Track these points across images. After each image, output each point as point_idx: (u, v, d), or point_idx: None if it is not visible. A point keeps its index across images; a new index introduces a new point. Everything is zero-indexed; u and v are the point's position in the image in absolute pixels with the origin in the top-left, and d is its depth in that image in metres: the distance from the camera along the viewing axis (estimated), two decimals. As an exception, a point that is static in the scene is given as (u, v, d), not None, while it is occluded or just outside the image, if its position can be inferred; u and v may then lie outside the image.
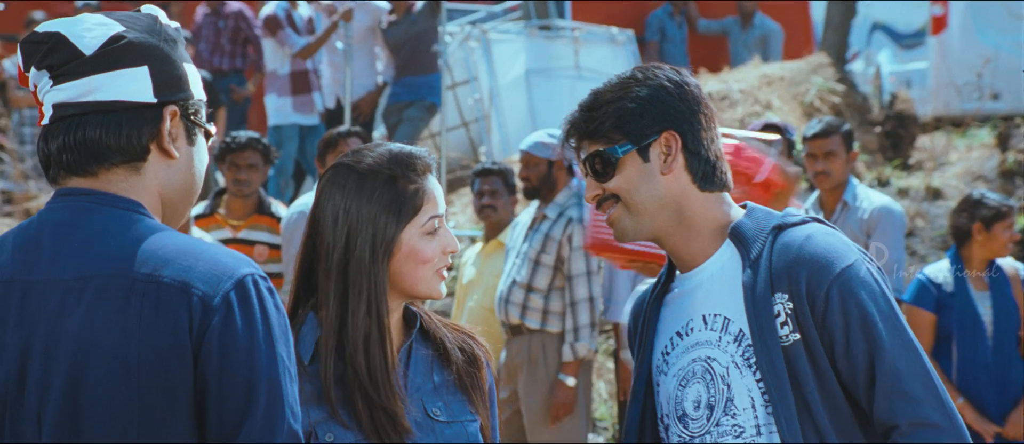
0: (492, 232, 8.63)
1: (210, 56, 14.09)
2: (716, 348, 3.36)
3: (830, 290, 3.26)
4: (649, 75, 3.39)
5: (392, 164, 3.42)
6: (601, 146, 3.36)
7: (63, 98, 2.81)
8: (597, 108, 3.37)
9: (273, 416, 2.67)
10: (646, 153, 3.36)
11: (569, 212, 8.08)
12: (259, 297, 2.69)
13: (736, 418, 3.32)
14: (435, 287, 3.42)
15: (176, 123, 2.84)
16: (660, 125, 3.35)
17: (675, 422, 3.40)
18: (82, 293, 2.69)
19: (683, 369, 3.40)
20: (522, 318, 8.08)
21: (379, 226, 3.38)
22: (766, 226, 3.37)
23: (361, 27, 12.82)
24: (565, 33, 15.08)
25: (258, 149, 8.47)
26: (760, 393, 3.30)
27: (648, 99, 3.35)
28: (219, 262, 2.71)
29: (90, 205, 2.79)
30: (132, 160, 2.81)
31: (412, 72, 12.87)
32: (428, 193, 3.42)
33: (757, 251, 3.33)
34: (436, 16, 12.81)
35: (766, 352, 3.27)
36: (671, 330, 3.45)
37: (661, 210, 3.37)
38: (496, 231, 8.63)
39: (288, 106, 13.11)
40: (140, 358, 2.65)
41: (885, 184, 12.64)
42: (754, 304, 3.29)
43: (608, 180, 3.37)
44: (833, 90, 14.23)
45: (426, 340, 3.49)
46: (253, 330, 2.67)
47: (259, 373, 2.66)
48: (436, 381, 3.45)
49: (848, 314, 3.26)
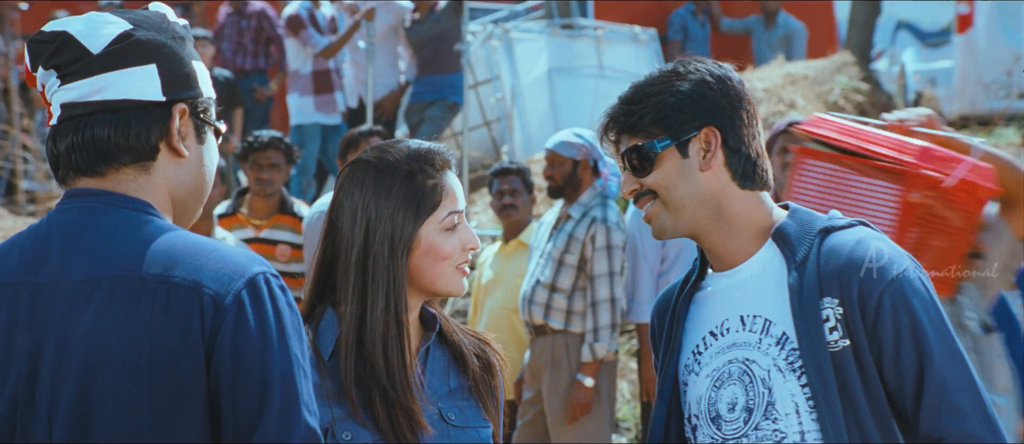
0: (512, 232, 8.62)
1: (233, 56, 14.10)
2: (756, 350, 3.30)
3: (882, 297, 3.20)
4: (691, 69, 3.33)
5: (411, 160, 3.41)
6: (640, 140, 3.30)
7: (71, 98, 2.78)
8: (637, 101, 3.31)
9: (288, 414, 2.64)
10: (685, 149, 3.30)
11: (593, 212, 8.05)
12: (271, 295, 2.67)
13: (777, 423, 3.26)
14: (456, 284, 3.40)
15: (185, 121, 2.81)
16: (700, 120, 3.29)
17: (707, 423, 3.35)
18: (92, 295, 2.67)
19: (718, 370, 3.34)
20: (545, 318, 8.06)
21: (397, 222, 3.36)
22: (812, 228, 3.31)
23: (384, 26, 12.82)
24: (588, 32, 15.05)
25: (280, 148, 8.49)
26: (805, 398, 3.24)
27: (689, 94, 3.29)
28: (230, 261, 2.68)
29: (100, 206, 2.76)
30: (141, 159, 2.78)
31: (434, 71, 12.87)
32: (447, 189, 3.41)
33: (803, 253, 3.26)
34: (459, 15, 12.79)
35: (814, 357, 3.21)
36: (703, 329, 3.39)
37: (700, 207, 3.31)
38: (516, 231, 8.61)
39: (310, 105, 13.12)
40: (151, 359, 2.63)
41: None
42: (801, 308, 3.23)
43: (646, 175, 3.31)
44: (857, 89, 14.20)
45: (443, 343, 3.47)
46: (266, 328, 2.65)
47: (273, 371, 2.64)
48: (452, 385, 3.44)
49: (899, 322, 3.21)
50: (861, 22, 15.39)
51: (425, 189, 3.39)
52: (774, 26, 16.37)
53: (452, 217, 3.40)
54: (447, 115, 13.05)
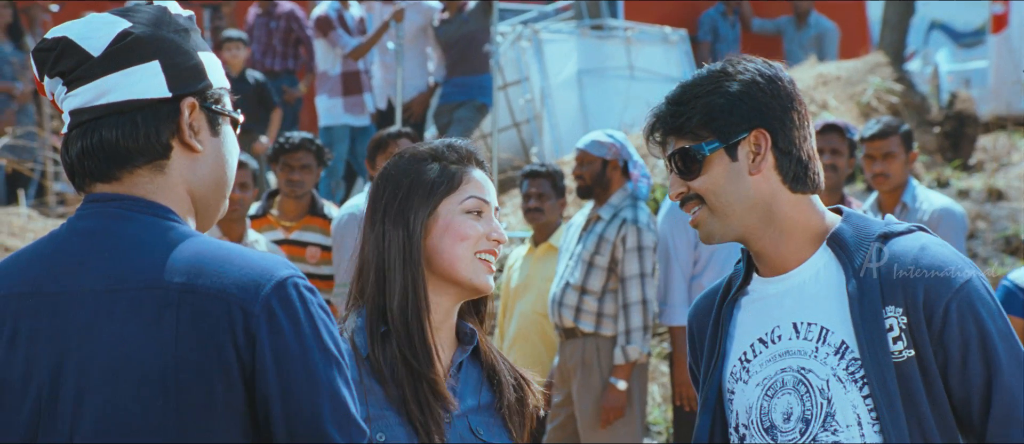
0: (541, 235, 8.58)
1: (262, 57, 14.10)
2: (812, 359, 3.20)
3: (949, 306, 3.13)
4: (740, 69, 3.24)
5: (434, 148, 3.43)
6: (687, 143, 3.23)
7: (78, 104, 2.72)
8: (685, 102, 3.24)
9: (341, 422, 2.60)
10: (734, 152, 3.22)
11: (623, 213, 8.01)
12: (301, 298, 2.62)
13: (838, 435, 3.16)
14: (478, 274, 3.37)
15: (196, 115, 2.75)
16: (750, 123, 3.21)
17: (759, 432, 3.25)
18: (115, 305, 2.61)
19: (770, 378, 3.25)
20: (576, 321, 8.02)
21: (414, 200, 3.36)
22: (870, 233, 3.23)
23: (413, 27, 12.78)
24: (617, 33, 15.00)
25: (311, 150, 8.45)
26: (867, 410, 3.15)
27: (738, 95, 3.22)
28: (255, 266, 2.62)
29: (119, 212, 2.70)
30: (155, 159, 2.72)
31: (463, 72, 12.82)
32: (470, 175, 3.40)
33: (862, 260, 3.19)
34: (488, 16, 12.74)
35: (877, 368, 3.12)
36: (751, 336, 3.30)
37: (749, 212, 3.23)
38: (545, 234, 8.57)
39: (339, 107, 13.09)
40: (177, 373, 2.58)
41: (945, 185, 12.54)
42: (863, 317, 3.15)
43: (693, 179, 3.24)
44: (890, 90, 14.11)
45: (478, 361, 3.45)
46: (301, 333, 2.60)
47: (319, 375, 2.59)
48: (482, 401, 3.41)
49: (966, 332, 3.13)
50: (894, 22, 15.29)
51: (446, 171, 3.39)
52: (806, 26, 16.30)
53: (475, 201, 3.38)
54: (476, 116, 12.99)
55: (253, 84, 13.27)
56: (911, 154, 7.96)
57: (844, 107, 13.56)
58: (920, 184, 8.18)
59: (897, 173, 7.90)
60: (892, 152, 7.88)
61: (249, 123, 12.97)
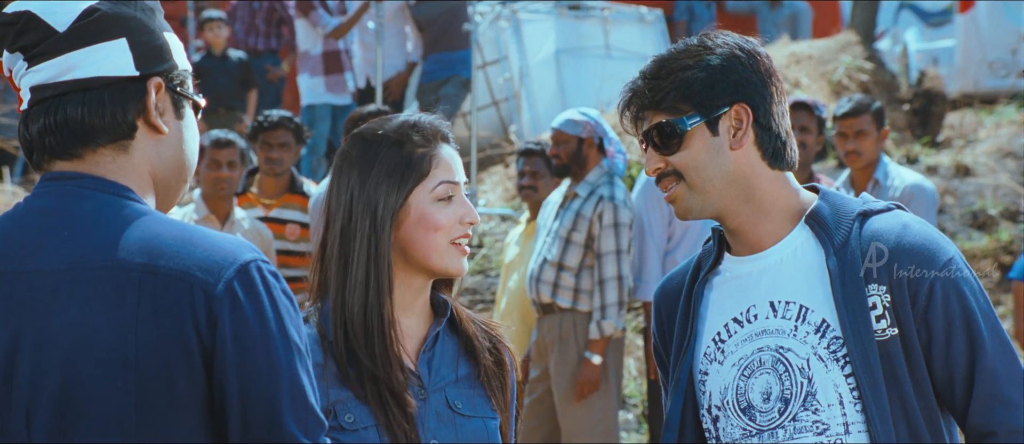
0: (535, 212, 8.44)
1: (245, 36, 13.96)
2: (791, 338, 3.07)
3: (933, 284, 3.02)
4: (719, 43, 3.10)
5: (400, 130, 3.22)
6: (666, 117, 3.07)
7: (40, 80, 2.56)
8: (663, 76, 3.07)
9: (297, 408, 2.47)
10: (715, 126, 3.07)
11: (600, 190, 7.89)
12: (264, 282, 2.48)
13: (819, 414, 3.04)
14: (452, 261, 3.21)
15: (162, 96, 2.60)
16: (731, 97, 3.07)
17: (735, 413, 3.11)
18: (74, 286, 2.46)
19: (746, 358, 3.11)
20: (553, 297, 7.90)
21: (382, 191, 3.18)
22: (849, 211, 3.10)
23: (391, 6, 12.68)
24: (595, 13, 14.85)
25: (290, 128, 8.35)
26: (850, 389, 3.02)
27: (719, 69, 3.07)
28: (217, 248, 2.48)
29: (78, 190, 2.54)
30: (119, 139, 2.57)
31: (444, 48, 12.71)
32: (439, 158, 3.21)
33: (842, 237, 3.06)
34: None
35: (860, 346, 3.00)
36: (725, 316, 3.16)
37: (728, 187, 3.09)
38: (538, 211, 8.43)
39: (320, 86, 12.98)
40: (137, 355, 2.43)
41: (914, 161, 12.50)
42: (846, 294, 3.02)
43: (672, 154, 3.08)
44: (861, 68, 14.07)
45: (454, 332, 3.29)
46: (265, 318, 2.45)
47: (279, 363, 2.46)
48: (460, 374, 3.25)
49: (950, 311, 3.02)
50: (865, 2, 15.24)
51: (413, 157, 3.20)
52: (779, 7, 16.29)
53: (445, 187, 3.20)
54: (462, 92, 12.87)
55: (237, 63, 13.18)
56: (882, 131, 7.90)
57: (816, 85, 13.52)
58: (891, 161, 8.11)
59: (869, 150, 7.82)
60: (864, 130, 7.81)
61: (234, 102, 12.88)
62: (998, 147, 12.78)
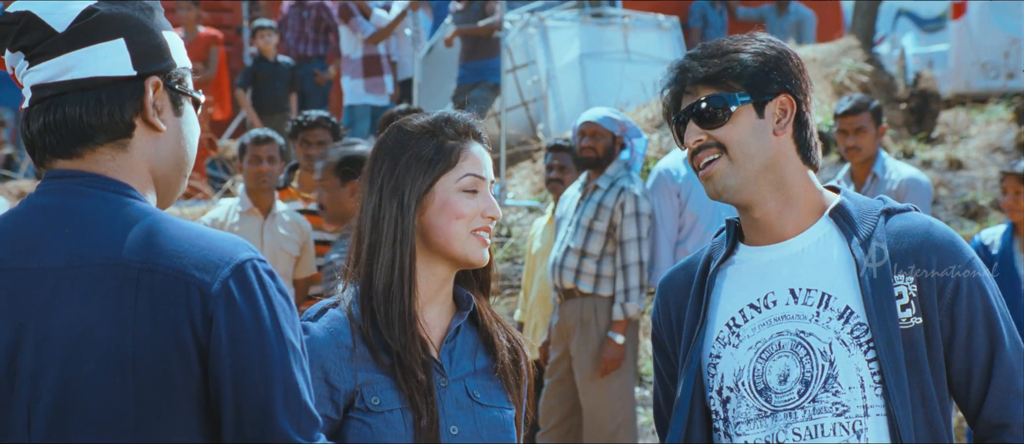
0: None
1: (295, 43, 13.86)
2: (813, 323, 2.91)
3: (960, 280, 2.90)
4: (773, 42, 2.99)
5: (433, 123, 3.07)
6: (717, 91, 2.94)
7: (40, 79, 2.38)
8: (717, 55, 2.96)
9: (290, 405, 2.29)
10: (762, 109, 2.94)
11: (621, 182, 7.72)
12: (260, 281, 2.30)
13: (839, 396, 2.88)
14: (473, 249, 3.03)
15: (160, 94, 2.42)
16: (781, 85, 2.94)
17: (751, 394, 2.93)
18: (75, 283, 2.29)
19: (763, 341, 2.93)
20: (576, 282, 7.72)
21: (410, 176, 3.02)
22: (873, 208, 2.98)
23: None
24: (616, 20, 14.74)
25: (327, 127, 8.19)
26: (871, 374, 2.88)
27: (772, 59, 2.95)
28: (215, 247, 2.31)
29: (79, 188, 2.37)
30: (117, 137, 2.39)
31: (477, 57, 12.67)
32: (467, 151, 3.05)
33: (867, 231, 2.93)
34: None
35: (885, 333, 2.86)
36: (740, 302, 2.98)
37: (765, 171, 2.94)
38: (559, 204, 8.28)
39: (360, 87, 12.88)
40: (135, 352, 2.26)
41: (910, 156, 12.36)
42: (873, 284, 2.88)
43: (717, 128, 2.94)
44: (862, 70, 13.93)
45: (475, 326, 3.11)
46: (260, 317, 2.28)
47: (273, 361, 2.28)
48: (478, 365, 3.07)
49: (973, 306, 2.91)
50: (865, 9, 15.06)
51: (444, 148, 3.04)
52: (786, 14, 16.18)
53: (471, 179, 3.04)
54: (490, 96, 12.80)
55: (286, 68, 13.12)
56: (880, 128, 7.79)
57: (820, 86, 13.35)
58: (889, 156, 8.00)
59: (868, 146, 7.69)
60: (863, 127, 7.70)
61: (285, 103, 12.77)
62: (988, 143, 12.70)
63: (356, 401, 2.93)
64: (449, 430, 2.98)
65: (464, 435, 3.00)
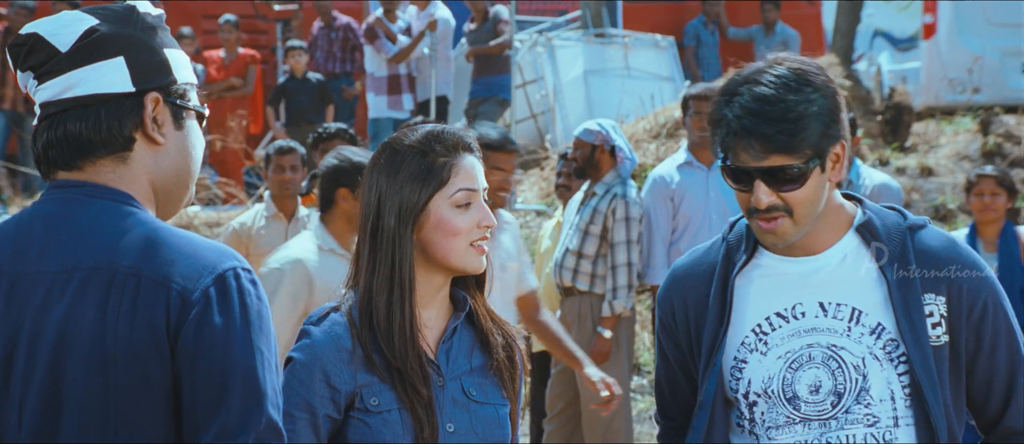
0: None
1: (325, 62, 13.77)
2: (845, 337, 2.77)
3: (987, 299, 2.80)
4: (820, 82, 2.74)
5: (424, 140, 2.88)
6: (792, 161, 2.71)
7: (46, 97, 2.30)
8: (792, 121, 2.70)
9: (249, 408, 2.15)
10: (825, 164, 2.76)
11: (614, 189, 7.58)
12: (240, 290, 2.18)
13: (871, 408, 2.76)
14: (471, 260, 2.87)
15: (160, 109, 2.32)
16: (838, 137, 2.76)
17: (781, 402, 2.80)
18: (67, 285, 2.19)
19: (793, 352, 2.79)
20: (573, 281, 7.60)
21: (405, 194, 2.84)
22: (898, 224, 2.83)
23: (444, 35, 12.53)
24: (617, 39, 14.61)
25: (345, 138, 8.06)
26: (902, 388, 2.76)
27: (829, 113, 2.73)
28: (201, 256, 2.20)
29: (80, 197, 2.27)
30: (117, 151, 2.30)
31: (488, 73, 12.57)
32: (459, 166, 2.87)
33: (895, 249, 2.78)
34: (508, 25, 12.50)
35: (920, 350, 2.74)
36: (767, 310, 2.82)
37: (820, 216, 2.80)
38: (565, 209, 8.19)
39: (383, 103, 12.78)
40: (115, 352, 2.16)
41: (885, 164, 12.23)
42: (905, 303, 2.75)
43: (790, 192, 2.73)
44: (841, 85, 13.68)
45: (472, 325, 2.96)
46: (231, 322, 2.16)
47: (234, 366, 2.15)
48: (474, 364, 2.92)
49: (998, 324, 2.81)
50: (844, 30, 14.93)
51: (435, 166, 2.86)
52: (773, 34, 16.02)
53: (464, 194, 2.86)
54: (498, 110, 12.75)
55: (315, 83, 13.02)
56: (856, 138, 7.85)
57: None
58: (863, 163, 7.90)
59: None
60: None
61: (313, 116, 12.66)
62: (956, 151, 12.60)
63: (356, 401, 2.80)
64: (445, 427, 2.85)
65: (460, 432, 2.87)
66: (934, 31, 14.65)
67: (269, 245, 7.68)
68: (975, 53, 14.13)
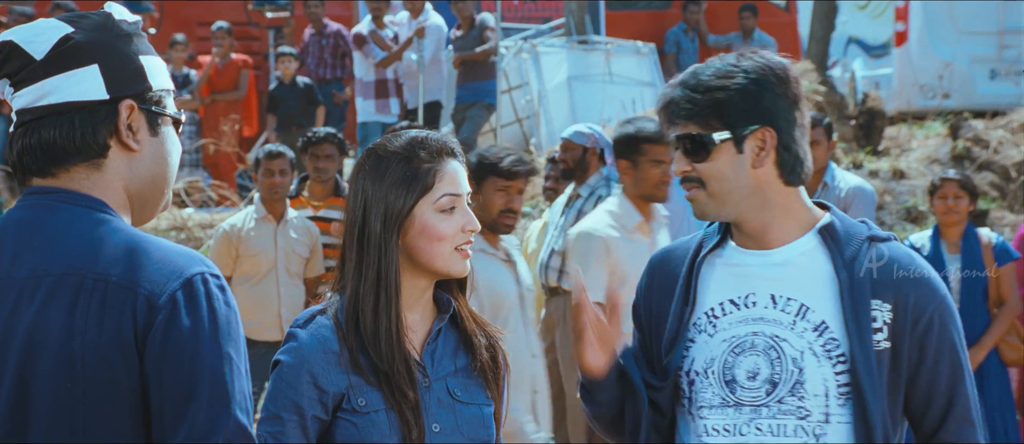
0: None
1: (316, 67, 13.67)
2: (788, 330, 2.74)
3: (933, 314, 2.75)
4: (756, 65, 2.72)
5: (408, 146, 2.84)
6: (697, 129, 2.72)
7: (22, 104, 2.24)
8: (700, 91, 2.71)
9: (216, 412, 2.09)
10: (741, 144, 2.72)
11: (599, 191, 7.50)
12: (207, 294, 2.13)
13: (804, 401, 2.73)
14: (455, 264, 2.83)
15: (134, 116, 2.26)
16: (760, 119, 2.71)
17: (719, 384, 2.77)
18: (36, 291, 2.14)
19: (738, 337, 2.77)
20: (559, 281, 7.52)
21: (390, 200, 2.80)
22: (859, 232, 2.79)
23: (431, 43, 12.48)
24: (599, 46, 14.59)
25: (334, 142, 8.06)
26: (837, 386, 2.73)
27: (751, 92, 2.70)
28: (169, 261, 2.14)
29: (52, 203, 2.22)
30: (91, 158, 2.24)
31: (473, 79, 12.45)
32: (442, 172, 2.83)
33: (852, 254, 2.75)
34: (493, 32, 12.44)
35: (863, 351, 2.71)
36: (722, 295, 2.80)
37: (745, 199, 2.75)
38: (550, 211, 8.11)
39: (371, 107, 12.68)
40: (83, 356, 2.10)
41: (859, 167, 12.24)
42: (854, 304, 2.72)
43: (699, 162, 2.73)
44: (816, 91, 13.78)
45: (455, 327, 2.92)
46: (198, 327, 2.11)
47: (202, 369, 2.10)
48: (458, 365, 2.89)
49: (942, 339, 2.76)
50: (819, 37, 14.98)
51: (419, 172, 2.81)
52: (751, 41, 15.98)
53: (448, 199, 2.82)
54: (485, 114, 12.63)
55: (302, 88, 12.97)
56: (831, 142, 7.64)
57: None
58: (838, 167, 7.86)
59: (820, 157, 7.49)
60: (817, 140, 7.47)
61: (302, 119, 12.60)
62: (927, 155, 12.59)
63: (343, 402, 2.76)
64: (431, 427, 2.82)
65: (445, 432, 2.83)
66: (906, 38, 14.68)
67: (259, 247, 7.63)
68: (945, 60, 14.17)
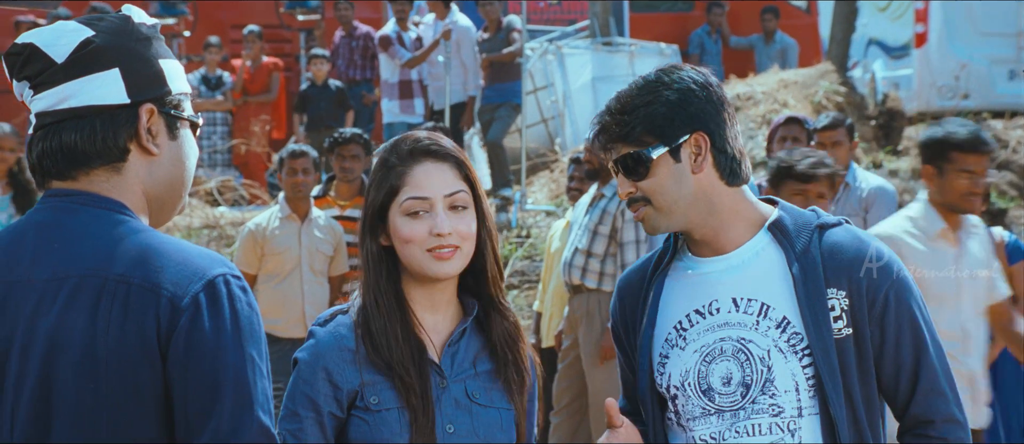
0: None
1: (346, 69, 13.58)
2: (753, 331, 2.73)
3: (888, 293, 2.72)
4: (675, 77, 2.74)
5: (388, 147, 2.78)
6: (633, 149, 2.72)
7: (42, 107, 2.18)
8: (628, 112, 2.73)
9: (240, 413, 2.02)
10: (677, 154, 2.71)
11: (622, 191, 7.34)
12: (230, 296, 2.06)
13: (776, 398, 2.72)
14: (430, 266, 2.71)
15: (154, 120, 2.19)
16: (690, 126, 2.71)
17: (697, 394, 2.75)
18: (57, 293, 2.07)
19: (708, 346, 2.75)
20: (582, 279, 7.40)
21: (370, 203, 2.74)
22: (809, 223, 2.78)
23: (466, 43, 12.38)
24: (623, 48, 14.43)
25: (360, 143, 7.91)
26: (805, 379, 2.72)
27: (677, 102, 2.71)
28: (191, 263, 2.07)
29: (73, 206, 2.15)
30: (112, 161, 2.17)
31: (501, 80, 12.30)
32: (409, 175, 2.72)
33: (803, 245, 2.72)
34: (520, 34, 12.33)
35: (821, 342, 2.69)
36: (687, 307, 2.78)
37: (692, 206, 2.73)
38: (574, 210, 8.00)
39: (396, 108, 12.58)
40: (106, 358, 2.04)
41: (879, 167, 12.09)
42: (808, 296, 2.71)
43: (640, 180, 2.72)
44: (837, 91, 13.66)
45: (480, 331, 2.80)
46: (221, 329, 2.03)
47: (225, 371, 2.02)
48: (480, 369, 2.77)
49: (901, 316, 2.74)
50: (839, 39, 14.76)
51: (391, 174, 2.72)
52: (772, 42, 15.94)
53: (412, 203, 2.70)
54: (512, 114, 12.48)
55: (334, 91, 12.86)
56: (853, 143, 7.52)
57: (800, 105, 13.17)
58: (859, 167, 7.69)
59: (842, 158, 7.33)
60: (839, 140, 7.39)
61: (333, 121, 12.51)
62: (947, 154, 12.37)
63: (358, 400, 2.69)
64: (445, 428, 2.71)
65: (460, 433, 2.73)
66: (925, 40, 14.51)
67: (283, 245, 7.48)
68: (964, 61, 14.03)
